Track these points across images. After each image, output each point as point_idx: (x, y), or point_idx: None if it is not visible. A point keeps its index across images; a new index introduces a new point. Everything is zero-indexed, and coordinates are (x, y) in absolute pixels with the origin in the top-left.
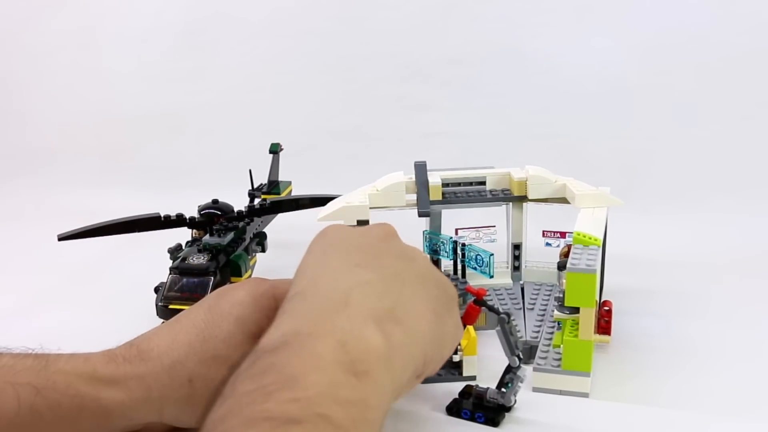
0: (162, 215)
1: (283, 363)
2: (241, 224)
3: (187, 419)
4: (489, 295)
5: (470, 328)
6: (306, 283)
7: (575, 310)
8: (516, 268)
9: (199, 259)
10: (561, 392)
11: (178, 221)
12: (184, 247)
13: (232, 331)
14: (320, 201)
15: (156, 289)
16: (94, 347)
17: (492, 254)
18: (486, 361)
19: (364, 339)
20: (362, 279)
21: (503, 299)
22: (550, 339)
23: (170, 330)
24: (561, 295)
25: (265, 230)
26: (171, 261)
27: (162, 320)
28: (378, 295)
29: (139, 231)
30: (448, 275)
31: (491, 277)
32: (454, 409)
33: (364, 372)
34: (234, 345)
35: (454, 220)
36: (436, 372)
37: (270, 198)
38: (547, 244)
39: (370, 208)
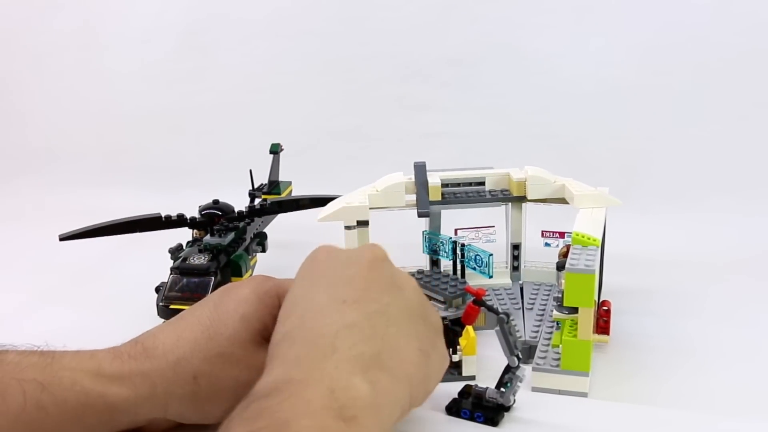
0: (163, 215)
1: (275, 408)
2: (241, 224)
3: (191, 416)
4: (488, 295)
5: (469, 328)
6: (294, 322)
7: (574, 310)
8: (515, 268)
9: (199, 259)
10: (560, 392)
11: (179, 221)
12: (184, 247)
13: (237, 329)
14: (320, 201)
15: (157, 289)
16: (96, 347)
17: (491, 254)
18: (485, 360)
19: (351, 387)
20: (348, 321)
21: (502, 299)
22: (549, 339)
23: (175, 327)
24: (560, 295)
25: (265, 230)
26: (172, 261)
27: (163, 320)
28: (364, 340)
29: (140, 231)
30: (447, 275)
31: (490, 277)
32: (454, 409)
33: (352, 417)
34: (239, 342)
35: (454, 220)
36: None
37: (270, 198)
38: (546, 244)
39: (370, 208)
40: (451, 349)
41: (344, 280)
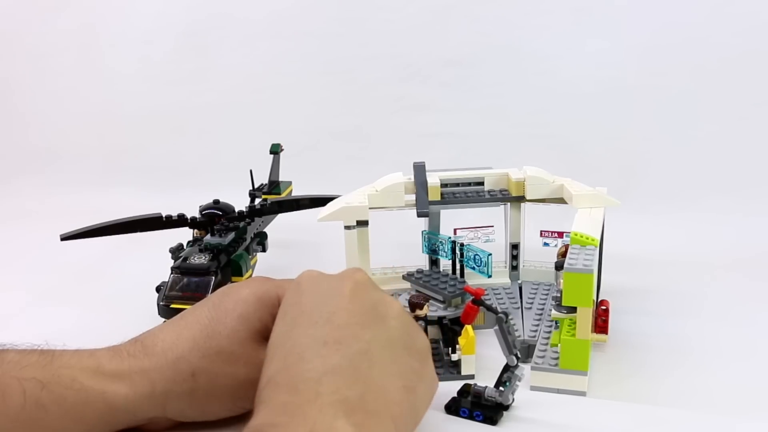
0: (163, 215)
1: None
2: (242, 224)
3: (190, 413)
4: (487, 294)
5: (469, 327)
6: (278, 366)
7: (572, 309)
8: (514, 268)
9: (200, 259)
10: (558, 391)
11: (180, 221)
12: (185, 247)
13: (236, 328)
14: (320, 201)
15: (158, 289)
16: (97, 346)
17: (490, 254)
18: (484, 359)
19: (335, 430)
20: (330, 365)
21: (501, 299)
22: (548, 338)
23: (175, 326)
24: (558, 295)
25: (265, 230)
26: (172, 261)
27: (164, 320)
28: (347, 384)
29: (141, 231)
30: (446, 275)
31: (489, 276)
32: (453, 408)
33: None
34: (237, 341)
35: (453, 220)
36: None
37: (270, 198)
38: (545, 243)
39: (370, 208)
40: (450, 348)
41: (325, 317)
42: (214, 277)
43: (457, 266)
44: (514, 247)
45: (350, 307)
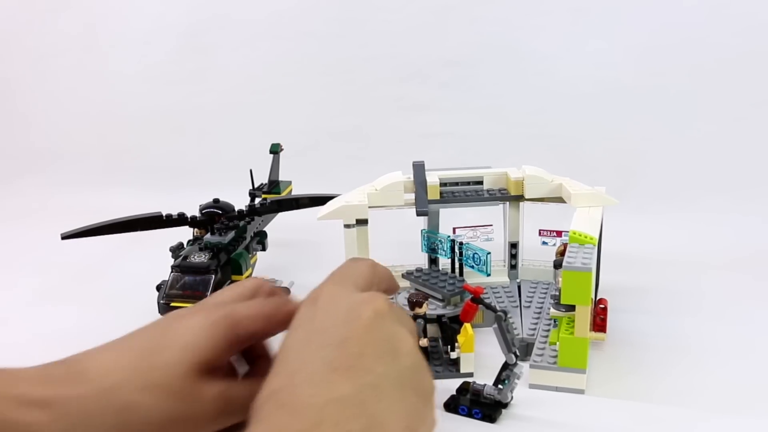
0: (164, 214)
1: None
2: (241, 223)
3: None
4: (486, 293)
5: (468, 325)
6: (283, 381)
7: (571, 307)
8: (513, 267)
9: (200, 258)
10: (557, 389)
11: (180, 220)
12: (185, 246)
13: (178, 360)
14: (320, 200)
15: (158, 287)
16: (96, 344)
17: (489, 253)
18: (483, 358)
19: None
20: (338, 393)
21: (500, 297)
22: (547, 336)
23: (114, 350)
24: (557, 293)
25: (265, 229)
26: (173, 259)
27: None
28: (352, 417)
29: (142, 230)
30: (446, 273)
31: (488, 275)
32: (452, 406)
33: None
34: (177, 375)
35: (452, 219)
36: None
37: (270, 197)
38: (544, 242)
39: (369, 207)
40: (449, 346)
41: (338, 341)
42: (213, 276)
43: (456, 265)
44: (513, 245)
45: (366, 336)
